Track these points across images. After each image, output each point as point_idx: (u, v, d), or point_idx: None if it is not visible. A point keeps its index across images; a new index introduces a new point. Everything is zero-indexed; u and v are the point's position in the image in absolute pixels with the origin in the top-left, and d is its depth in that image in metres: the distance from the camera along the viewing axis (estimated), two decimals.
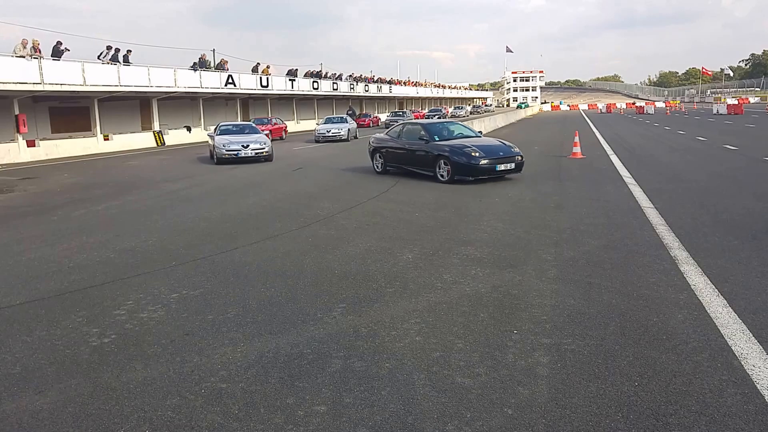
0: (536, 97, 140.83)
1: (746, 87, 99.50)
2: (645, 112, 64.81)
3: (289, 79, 43.91)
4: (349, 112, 46.95)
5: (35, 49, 23.45)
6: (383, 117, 54.56)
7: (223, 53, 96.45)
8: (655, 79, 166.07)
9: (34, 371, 3.98)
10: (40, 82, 23.22)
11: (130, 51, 29.50)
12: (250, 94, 39.87)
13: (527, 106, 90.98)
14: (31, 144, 24.51)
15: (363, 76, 61.72)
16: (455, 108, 72.88)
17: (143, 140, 30.81)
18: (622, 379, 3.53)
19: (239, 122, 28.80)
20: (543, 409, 3.23)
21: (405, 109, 64.47)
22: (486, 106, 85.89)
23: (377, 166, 14.80)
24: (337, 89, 51.60)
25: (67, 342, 4.46)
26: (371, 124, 47.96)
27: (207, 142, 22.94)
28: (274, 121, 35.60)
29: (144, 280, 6.05)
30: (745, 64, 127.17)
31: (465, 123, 17.42)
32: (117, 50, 28.04)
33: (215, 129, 21.88)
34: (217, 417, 3.28)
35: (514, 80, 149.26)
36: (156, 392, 3.60)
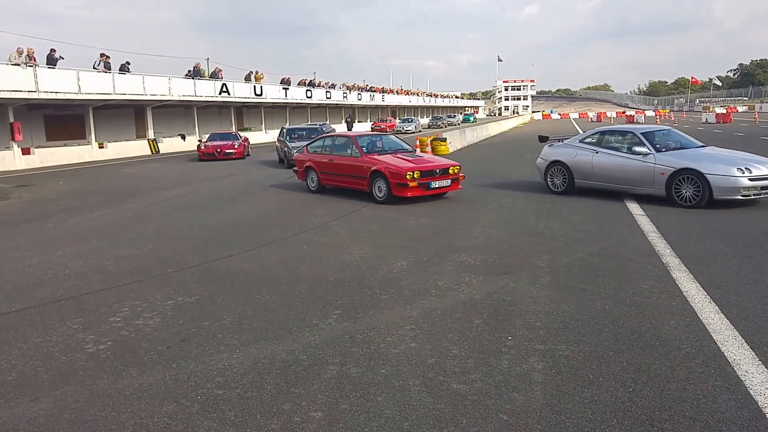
0: (527, 106, 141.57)
1: (734, 96, 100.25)
2: (635, 121, 65.35)
3: (283, 88, 43.99)
4: (348, 119, 47.03)
5: (30, 57, 23.42)
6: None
7: (218, 62, 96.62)
8: (644, 88, 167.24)
9: (30, 378, 3.97)
10: (35, 90, 23.17)
11: (129, 62, 29.54)
12: (244, 102, 39.94)
13: (474, 119, 75.25)
14: (25, 152, 24.43)
15: (356, 85, 61.87)
16: (403, 121, 56.56)
17: (138, 148, 30.74)
18: (617, 384, 3.56)
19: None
20: (538, 415, 3.25)
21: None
22: (449, 118, 68.66)
23: None
24: (330, 98, 51.74)
25: (63, 349, 4.46)
26: None
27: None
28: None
29: (139, 287, 6.05)
30: (734, 74, 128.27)
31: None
32: (108, 57, 28.00)
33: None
34: (213, 423, 3.29)
35: (506, 89, 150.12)
36: (152, 399, 3.60)
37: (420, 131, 48.05)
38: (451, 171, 11.23)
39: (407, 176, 10.64)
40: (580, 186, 11.10)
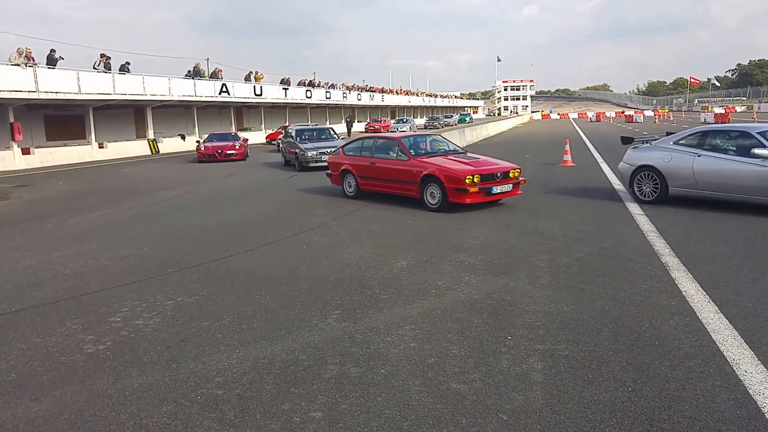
0: (526, 106, 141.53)
1: (733, 96, 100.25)
2: (634, 120, 65.50)
3: (283, 88, 44.03)
4: (348, 119, 47.02)
5: (27, 57, 23.43)
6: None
7: (218, 62, 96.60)
8: (643, 88, 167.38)
9: (30, 378, 3.98)
10: (35, 90, 23.19)
11: (129, 63, 29.59)
12: (244, 102, 39.96)
13: (471, 120, 70.47)
14: (25, 152, 24.47)
15: (356, 86, 61.90)
16: (397, 121, 54.32)
17: (138, 148, 30.79)
18: (616, 384, 3.56)
19: None
20: (538, 415, 3.25)
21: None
22: (446, 118, 66.06)
23: None
24: (330, 98, 51.79)
25: (63, 349, 4.46)
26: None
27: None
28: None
29: (139, 287, 6.05)
30: (732, 74, 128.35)
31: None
32: (109, 58, 28.01)
33: None
34: (213, 423, 3.29)
35: (505, 89, 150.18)
36: (152, 399, 3.61)
37: (415, 132, 46.80)
38: (511, 174, 10.04)
39: (466, 181, 9.47)
40: (675, 195, 9.69)
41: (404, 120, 55.49)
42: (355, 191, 11.84)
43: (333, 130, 22.00)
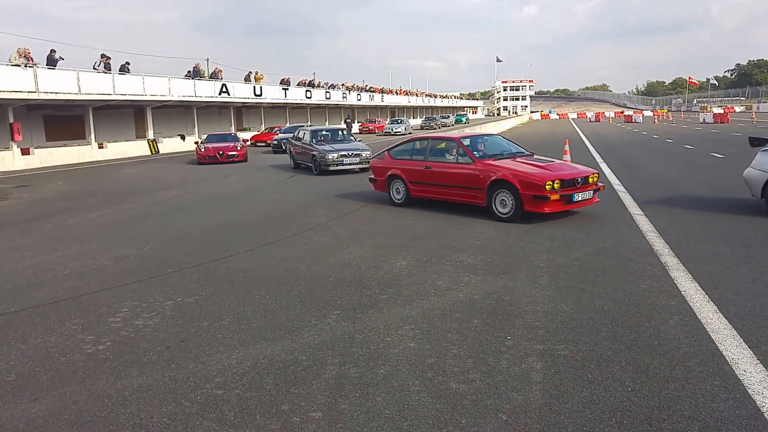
0: (526, 107, 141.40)
1: (732, 96, 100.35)
2: (633, 120, 65.61)
3: (283, 88, 44.02)
4: (347, 120, 46.99)
5: (27, 57, 23.42)
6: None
7: (217, 62, 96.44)
8: (642, 89, 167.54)
9: (29, 379, 3.98)
10: (34, 90, 23.17)
11: (129, 63, 29.56)
12: (243, 102, 39.97)
13: (467, 120, 70.18)
14: (25, 152, 24.44)
15: (355, 86, 61.89)
16: (392, 122, 52.40)
17: (137, 148, 30.78)
18: (615, 384, 3.57)
19: None
20: (537, 415, 3.26)
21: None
22: (443, 119, 63.86)
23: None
24: (329, 98, 51.78)
25: (62, 349, 4.46)
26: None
27: None
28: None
29: (139, 287, 6.05)
30: (731, 74, 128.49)
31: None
32: (109, 58, 28.00)
33: None
34: (212, 424, 3.30)
35: (504, 89, 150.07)
36: (152, 399, 3.61)
37: (410, 133, 44.14)
38: (591, 180, 9.03)
39: (546, 187, 8.36)
40: None
41: (399, 120, 52.99)
42: (404, 198, 10.74)
43: (346, 130, 21.64)
